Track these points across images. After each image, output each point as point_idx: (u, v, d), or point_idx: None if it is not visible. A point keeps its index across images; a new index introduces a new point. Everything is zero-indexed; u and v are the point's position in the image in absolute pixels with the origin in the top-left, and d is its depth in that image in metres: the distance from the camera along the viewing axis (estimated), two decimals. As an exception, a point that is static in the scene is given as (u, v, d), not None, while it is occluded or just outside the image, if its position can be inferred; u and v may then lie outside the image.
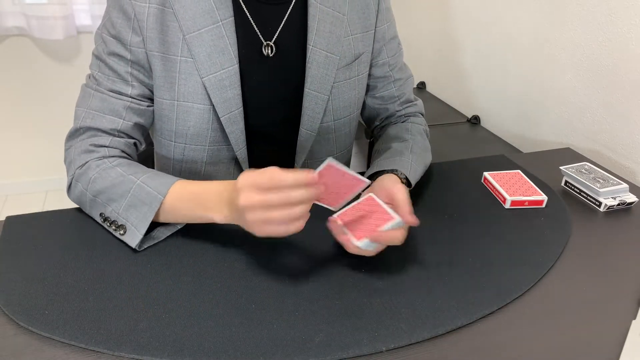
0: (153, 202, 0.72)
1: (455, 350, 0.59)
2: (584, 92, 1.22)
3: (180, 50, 0.80)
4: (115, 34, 0.79)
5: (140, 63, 0.81)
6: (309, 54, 0.85)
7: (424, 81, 2.03)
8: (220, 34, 0.80)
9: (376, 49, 0.94)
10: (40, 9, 2.02)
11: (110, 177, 0.75)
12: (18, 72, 2.20)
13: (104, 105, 0.81)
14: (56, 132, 2.37)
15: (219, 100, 0.82)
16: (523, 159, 1.10)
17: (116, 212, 0.74)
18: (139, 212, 0.73)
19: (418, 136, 0.94)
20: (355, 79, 0.92)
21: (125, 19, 0.78)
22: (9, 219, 0.80)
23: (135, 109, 0.83)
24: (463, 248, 0.77)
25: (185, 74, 0.81)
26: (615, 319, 0.65)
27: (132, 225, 0.73)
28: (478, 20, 1.62)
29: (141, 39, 0.79)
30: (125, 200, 0.74)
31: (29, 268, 0.69)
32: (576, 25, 1.22)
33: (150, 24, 0.78)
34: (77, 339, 0.58)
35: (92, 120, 0.80)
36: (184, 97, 0.82)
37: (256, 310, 0.63)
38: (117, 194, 0.74)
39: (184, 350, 0.57)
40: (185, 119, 0.83)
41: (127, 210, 0.73)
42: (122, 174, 0.76)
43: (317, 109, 0.88)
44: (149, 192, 0.73)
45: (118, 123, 0.81)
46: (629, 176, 1.12)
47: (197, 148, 0.86)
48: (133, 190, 0.74)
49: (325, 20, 0.85)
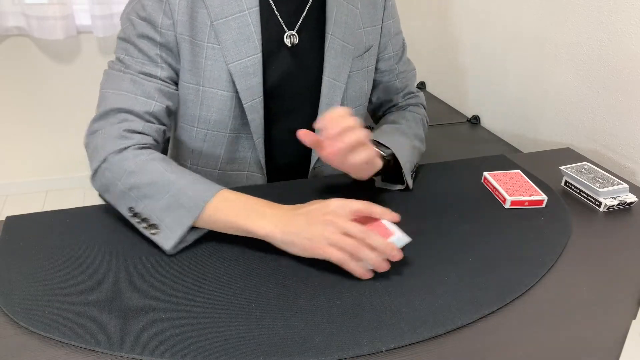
0: (194, 208, 0.70)
1: (455, 350, 0.59)
2: (584, 92, 1.22)
3: (208, 36, 0.81)
4: (146, 16, 0.80)
5: (169, 46, 0.81)
6: (328, 42, 0.88)
7: (424, 81, 2.03)
8: (246, 22, 0.82)
9: (382, 44, 0.99)
10: (40, 9, 2.02)
11: (150, 173, 0.72)
12: (18, 72, 2.20)
13: (135, 87, 0.79)
14: (56, 132, 2.37)
15: (243, 87, 0.83)
16: (523, 159, 1.10)
17: (150, 210, 0.71)
18: (176, 215, 0.70)
19: (412, 122, 0.98)
20: (366, 69, 0.96)
21: (157, 2, 0.79)
22: (9, 219, 0.80)
23: (165, 92, 0.82)
24: (463, 248, 0.77)
25: (212, 60, 0.82)
26: (615, 319, 0.65)
27: (166, 227, 0.70)
28: (478, 20, 1.62)
29: (172, 22, 0.80)
30: (164, 200, 0.71)
31: (29, 268, 0.69)
32: (576, 25, 1.22)
33: (182, 8, 0.80)
34: (77, 339, 0.58)
35: (125, 102, 0.78)
36: (209, 82, 0.83)
37: (256, 310, 0.63)
38: (155, 192, 0.71)
39: (184, 350, 0.57)
40: (210, 105, 0.85)
41: (163, 210, 0.70)
42: (162, 171, 0.73)
43: (335, 97, 0.92)
44: (190, 196, 0.70)
45: (151, 105, 0.80)
46: (629, 176, 1.12)
47: (219, 135, 0.88)
48: (174, 191, 0.71)
49: (341, 12, 0.89)
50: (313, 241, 0.66)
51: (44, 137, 2.37)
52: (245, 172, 0.94)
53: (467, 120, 1.69)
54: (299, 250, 0.68)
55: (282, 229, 0.68)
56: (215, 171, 0.93)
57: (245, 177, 0.94)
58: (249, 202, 0.72)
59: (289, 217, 0.69)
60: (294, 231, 0.67)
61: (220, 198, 0.71)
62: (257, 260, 0.72)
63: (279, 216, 0.69)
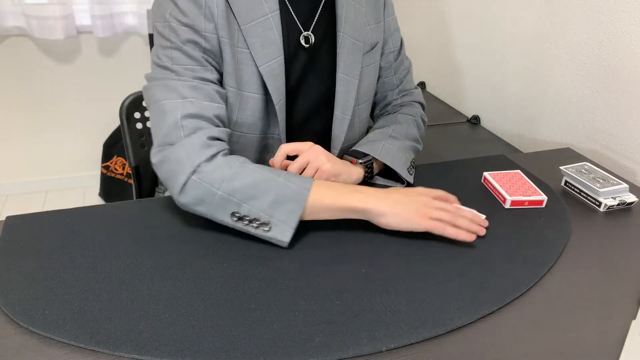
0: (299, 197, 0.73)
1: (455, 350, 0.59)
2: (584, 92, 1.22)
3: (237, 40, 0.83)
4: (188, 22, 0.79)
5: (214, 50, 0.81)
6: (340, 40, 0.90)
7: (423, 81, 2.03)
8: (270, 25, 0.84)
9: (384, 40, 1.01)
10: (40, 9, 2.01)
11: (250, 175, 0.73)
12: (18, 72, 2.20)
13: (197, 92, 0.78)
14: (56, 132, 2.37)
15: (274, 89, 0.85)
16: (523, 159, 1.10)
17: (258, 209, 0.72)
18: (284, 208, 0.72)
19: (404, 124, 0.99)
20: (373, 65, 0.99)
21: (197, 7, 0.79)
22: (9, 219, 0.80)
23: (222, 94, 0.82)
24: (463, 248, 0.77)
25: (243, 64, 0.84)
26: (615, 319, 0.65)
27: (279, 221, 0.72)
28: (478, 20, 1.62)
29: (214, 26, 0.80)
30: (270, 197, 0.72)
31: (29, 268, 0.69)
32: (576, 25, 1.22)
33: (220, 11, 0.80)
34: (77, 339, 0.58)
35: (192, 108, 0.76)
36: (245, 86, 0.85)
37: (256, 310, 0.63)
38: (259, 191, 0.72)
39: (184, 350, 0.57)
40: (245, 108, 0.87)
41: (271, 207, 0.72)
42: (259, 171, 0.74)
43: (350, 92, 0.94)
44: (293, 188, 0.73)
45: (217, 108, 0.79)
46: (629, 176, 1.12)
47: (251, 137, 0.90)
48: (277, 187, 0.73)
49: (350, 10, 0.91)
50: (418, 212, 0.76)
51: (44, 137, 2.36)
52: None
53: (467, 120, 1.69)
54: (403, 220, 0.76)
55: (386, 202, 0.76)
56: None
57: None
58: (343, 185, 0.78)
59: (387, 194, 0.77)
60: (399, 203, 0.76)
61: (318, 185, 0.76)
62: (257, 261, 0.72)
63: (376, 193, 0.77)
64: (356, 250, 0.75)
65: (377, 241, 0.77)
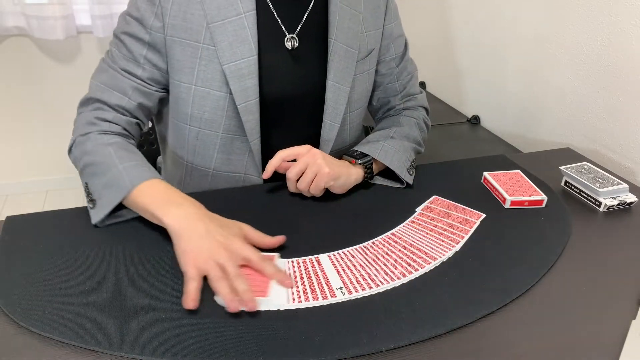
0: (122, 190, 0.75)
1: (455, 350, 0.59)
2: (584, 92, 1.22)
3: (203, 37, 0.84)
4: (138, 16, 0.84)
5: (157, 47, 0.85)
6: (331, 47, 0.90)
7: (423, 81, 2.03)
8: (242, 25, 0.84)
9: (384, 46, 1.00)
10: (40, 9, 2.01)
11: (100, 154, 0.79)
12: (18, 72, 2.20)
13: (113, 82, 0.86)
14: (56, 132, 2.37)
15: (237, 89, 0.85)
16: (523, 159, 1.10)
17: (94, 187, 0.78)
18: (110, 194, 0.76)
19: (406, 127, 0.99)
20: (367, 72, 0.98)
21: (150, 4, 0.83)
22: (9, 219, 0.80)
23: (142, 91, 0.87)
24: (463, 248, 0.76)
25: (206, 61, 0.84)
26: (615, 319, 0.65)
27: (100, 204, 0.77)
28: (478, 20, 1.62)
29: (162, 25, 0.83)
30: (105, 179, 0.77)
31: (29, 268, 0.69)
32: (576, 25, 1.22)
33: (174, 11, 0.83)
34: (77, 339, 0.58)
35: (101, 94, 0.86)
36: (202, 82, 0.86)
37: (256, 310, 0.63)
38: (100, 171, 0.78)
39: (184, 350, 0.57)
40: (201, 104, 0.87)
41: (103, 188, 0.77)
42: (111, 154, 0.79)
43: (340, 100, 0.93)
44: (123, 179, 0.75)
45: (123, 100, 0.86)
46: (629, 176, 1.12)
47: (211, 134, 0.90)
48: (113, 172, 0.77)
49: (345, 17, 0.91)
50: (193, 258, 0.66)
51: (44, 137, 2.36)
52: (242, 175, 0.94)
53: (467, 120, 1.69)
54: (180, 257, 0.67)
55: (184, 231, 0.68)
56: (210, 171, 0.94)
57: (242, 179, 0.94)
58: (172, 193, 0.74)
59: (196, 219, 0.69)
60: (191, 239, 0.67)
61: (149, 185, 0.75)
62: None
63: (188, 219, 0.69)
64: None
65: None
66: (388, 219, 0.83)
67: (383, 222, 0.82)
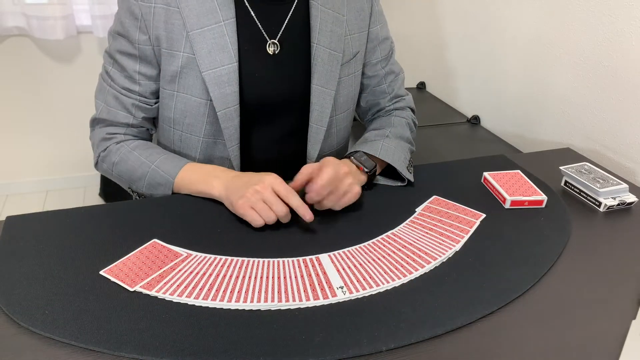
0: (167, 184, 0.86)
1: (455, 350, 0.59)
2: (584, 92, 1.22)
3: (183, 46, 0.84)
4: (124, 32, 0.85)
5: (148, 59, 0.87)
6: (314, 51, 0.90)
7: (423, 81, 2.03)
8: (222, 32, 0.84)
9: (369, 49, 1.00)
10: (40, 9, 2.01)
11: (130, 162, 0.88)
12: (18, 72, 2.20)
13: (116, 102, 0.90)
14: (56, 132, 2.37)
15: (218, 96, 0.86)
16: (523, 159, 1.11)
17: (139, 189, 0.89)
18: (158, 191, 0.87)
19: (399, 127, 1.00)
20: (353, 75, 0.97)
21: (133, 19, 0.84)
22: (9, 219, 0.80)
23: (142, 107, 0.91)
24: (463, 248, 0.76)
25: (187, 69, 0.86)
26: (615, 319, 0.65)
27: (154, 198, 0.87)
28: (478, 20, 1.62)
29: (147, 37, 0.85)
30: (144, 182, 0.87)
31: (29, 268, 0.69)
32: (576, 25, 1.22)
33: (156, 22, 0.84)
34: (77, 339, 0.58)
35: (107, 114, 0.91)
36: (184, 89, 0.87)
37: (256, 310, 0.63)
38: (136, 177, 0.88)
39: (184, 350, 0.57)
40: (183, 109, 0.89)
41: (148, 189, 0.88)
42: (138, 157, 0.88)
43: (325, 103, 0.93)
44: (162, 175, 0.87)
45: (129, 118, 0.91)
46: (629, 176, 1.12)
47: (192, 138, 0.92)
48: (149, 174, 0.87)
49: (327, 20, 0.90)
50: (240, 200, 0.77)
51: (44, 137, 2.36)
52: None
53: (467, 120, 1.69)
54: (230, 206, 0.81)
55: (225, 189, 0.82)
56: None
57: None
58: (204, 171, 0.87)
59: (234, 179, 0.82)
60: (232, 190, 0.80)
61: (185, 170, 0.87)
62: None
63: (227, 181, 0.83)
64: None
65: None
66: (388, 219, 0.83)
67: (383, 222, 0.82)
